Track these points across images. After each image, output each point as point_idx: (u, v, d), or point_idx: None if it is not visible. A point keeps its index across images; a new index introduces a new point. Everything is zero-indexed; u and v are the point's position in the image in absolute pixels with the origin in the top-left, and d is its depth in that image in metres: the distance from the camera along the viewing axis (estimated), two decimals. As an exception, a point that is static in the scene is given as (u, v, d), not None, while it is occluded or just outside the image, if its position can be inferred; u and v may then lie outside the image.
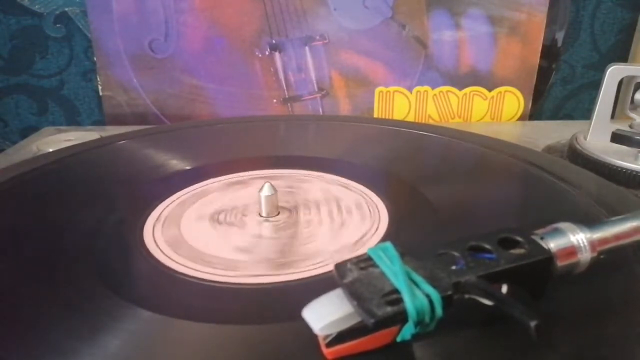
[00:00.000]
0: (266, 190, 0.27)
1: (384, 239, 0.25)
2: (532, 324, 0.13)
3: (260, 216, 0.28)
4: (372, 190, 0.30)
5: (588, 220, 0.18)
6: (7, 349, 0.17)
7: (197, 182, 0.32)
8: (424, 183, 0.31)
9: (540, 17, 0.53)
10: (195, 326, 0.18)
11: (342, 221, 0.27)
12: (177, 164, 0.35)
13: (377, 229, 0.26)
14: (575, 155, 0.38)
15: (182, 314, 0.19)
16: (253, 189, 0.31)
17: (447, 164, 0.36)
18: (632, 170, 0.34)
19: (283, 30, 0.53)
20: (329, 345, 0.15)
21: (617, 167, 0.35)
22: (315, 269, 0.22)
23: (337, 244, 0.25)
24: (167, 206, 0.29)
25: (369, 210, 0.28)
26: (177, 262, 0.23)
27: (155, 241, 0.25)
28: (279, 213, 0.28)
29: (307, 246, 0.24)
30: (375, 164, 0.35)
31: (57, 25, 0.56)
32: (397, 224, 0.26)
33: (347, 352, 0.15)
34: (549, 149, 0.42)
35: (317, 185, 0.32)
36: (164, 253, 0.24)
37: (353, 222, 0.27)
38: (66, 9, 0.55)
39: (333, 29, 0.53)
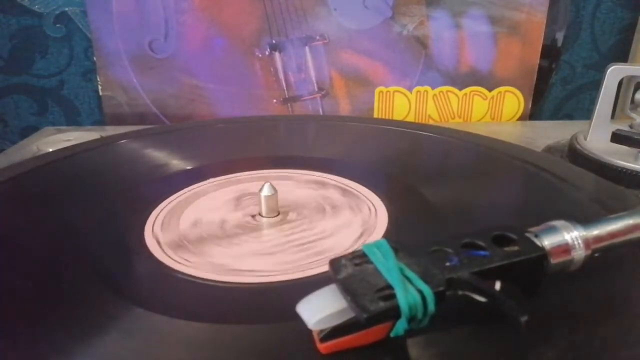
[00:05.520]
0: (266, 190, 0.27)
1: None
2: (522, 319, 0.13)
3: (260, 216, 0.28)
4: (372, 190, 0.30)
5: (587, 221, 0.18)
6: (7, 349, 0.17)
7: (197, 182, 0.32)
8: (423, 183, 0.31)
9: (540, 17, 0.53)
10: (195, 326, 0.18)
11: (341, 221, 0.27)
12: (177, 164, 0.35)
13: (376, 229, 0.26)
14: (575, 155, 0.37)
15: (183, 314, 0.19)
16: (253, 189, 0.31)
17: (447, 164, 0.36)
18: (632, 170, 0.34)
19: (283, 30, 0.53)
20: (323, 340, 0.15)
21: (617, 167, 0.35)
22: (315, 268, 0.22)
23: (335, 243, 0.25)
24: (167, 206, 0.29)
25: (369, 210, 0.28)
26: (177, 262, 0.23)
27: (155, 241, 0.25)
28: (279, 213, 0.28)
29: (307, 245, 0.25)
30: (375, 164, 0.35)
31: (57, 25, 0.56)
32: (396, 224, 0.26)
33: (341, 347, 0.15)
34: (549, 149, 0.42)
35: (316, 185, 0.32)
36: (164, 252, 0.24)
37: (352, 222, 0.27)
38: (66, 9, 0.56)
39: (333, 29, 0.54)
